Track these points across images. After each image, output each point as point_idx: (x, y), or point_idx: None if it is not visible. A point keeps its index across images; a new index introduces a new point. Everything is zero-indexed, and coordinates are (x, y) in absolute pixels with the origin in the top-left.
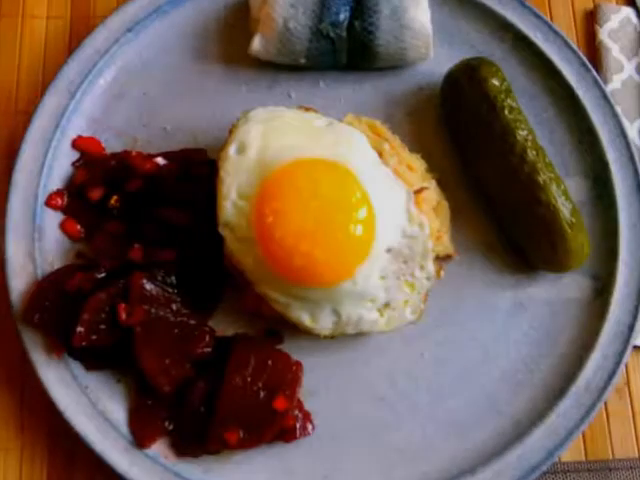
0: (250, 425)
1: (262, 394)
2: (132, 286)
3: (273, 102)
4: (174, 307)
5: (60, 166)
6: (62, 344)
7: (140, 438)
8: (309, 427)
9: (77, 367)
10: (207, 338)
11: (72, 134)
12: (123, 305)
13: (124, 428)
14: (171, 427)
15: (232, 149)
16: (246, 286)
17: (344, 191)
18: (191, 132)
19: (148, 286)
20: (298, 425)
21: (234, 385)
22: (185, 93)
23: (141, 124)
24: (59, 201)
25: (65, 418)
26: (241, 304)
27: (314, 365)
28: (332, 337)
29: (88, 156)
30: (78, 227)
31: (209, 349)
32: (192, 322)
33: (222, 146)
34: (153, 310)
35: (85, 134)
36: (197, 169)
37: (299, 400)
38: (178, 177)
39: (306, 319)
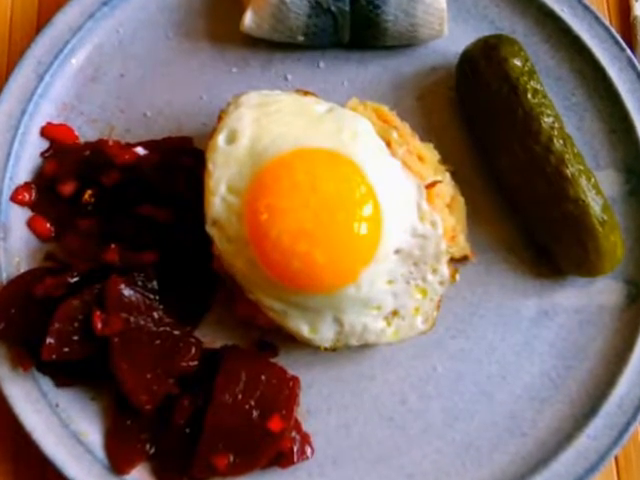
0: (241, 448)
1: (255, 413)
2: (108, 292)
3: (267, 85)
4: (156, 315)
5: (28, 157)
6: (30, 357)
7: (118, 463)
8: (308, 450)
9: (46, 383)
10: (193, 350)
11: (41, 121)
12: (98, 313)
13: (100, 451)
14: (152, 450)
15: (221, 138)
16: (237, 292)
17: (347, 185)
18: (175, 119)
19: (127, 292)
20: (296, 448)
21: (223, 403)
22: (168, 75)
23: (118, 109)
24: (26, 196)
25: (33, 440)
26: (231, 312)
27: (313, 381)
28: (334, 349)
29: (59, 145)
30: (48, 225)
31: (195, 363)
32: (176, 332)
33: (210, 134)
34: (132, 319)
35: (55, 121)
36: (182, 160)
37: (297, 420)
38: (160, 169)
39: (305, 329)
